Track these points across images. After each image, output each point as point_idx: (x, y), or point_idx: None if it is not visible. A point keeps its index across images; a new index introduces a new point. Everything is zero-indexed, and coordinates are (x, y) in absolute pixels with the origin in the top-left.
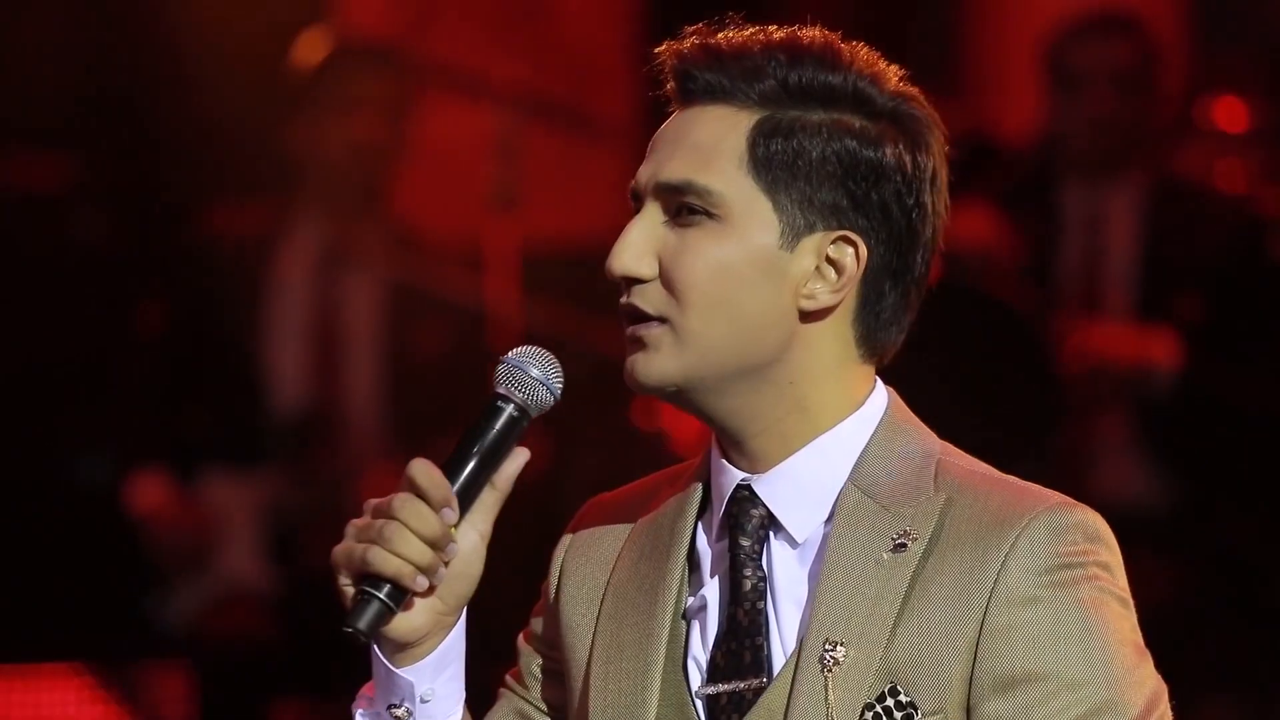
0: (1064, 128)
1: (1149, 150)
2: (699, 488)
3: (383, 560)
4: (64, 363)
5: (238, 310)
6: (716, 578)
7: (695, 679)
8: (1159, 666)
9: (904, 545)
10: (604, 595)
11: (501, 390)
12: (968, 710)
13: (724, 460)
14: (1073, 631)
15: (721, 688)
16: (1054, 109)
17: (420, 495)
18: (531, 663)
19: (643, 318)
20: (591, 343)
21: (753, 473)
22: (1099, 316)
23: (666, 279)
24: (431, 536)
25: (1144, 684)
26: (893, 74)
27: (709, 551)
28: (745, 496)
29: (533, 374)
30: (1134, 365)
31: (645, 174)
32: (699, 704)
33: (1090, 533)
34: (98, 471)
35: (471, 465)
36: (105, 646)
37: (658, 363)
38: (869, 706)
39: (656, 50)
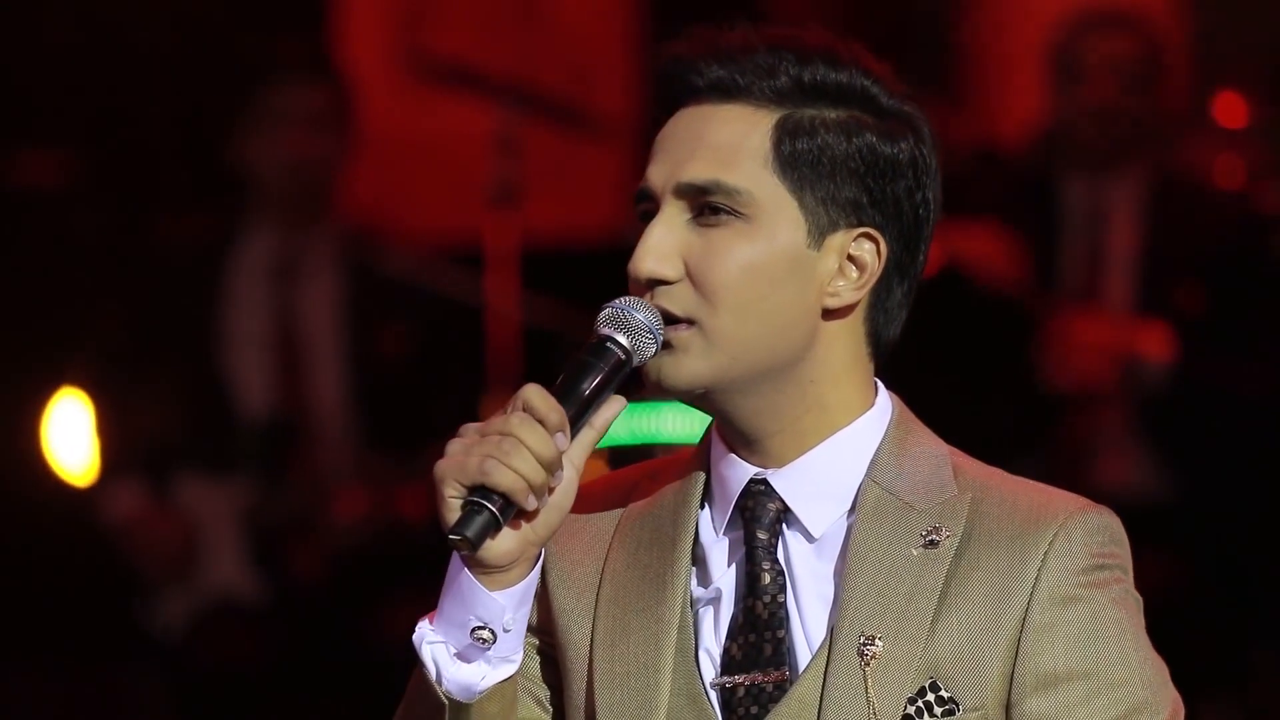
0: (1067, 121)
1: (1152, 145)
2: (699, 480)
3: (500, 473)
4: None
5: (198, 315)
6: (732, 569)
7: (708, 670)
8: None
9: (936, 541)
10: (600, 581)
11: (606, 332)
12: (1006, 707)
13: (732, 455)
14: (1110, 632)
15: (739, 679)
16: (1057, 102)
17: (536, 418)
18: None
19: (669, 320)
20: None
21: (765, 468)
22: (1099, 309)
23: (696, 280)
24: (547, 458)
25: (1168, 687)
26: (888, 71)
27: (714, 543)
28: (761, 490)
29: (638, 317)
30: (1126, 358)
31: (660, 174)
32: (713, 695)
33: (1115, 535)
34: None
35: (578, 399)
36: (89, 654)
37: (688, 365)
38: (910, 701)
39: (658, 49)
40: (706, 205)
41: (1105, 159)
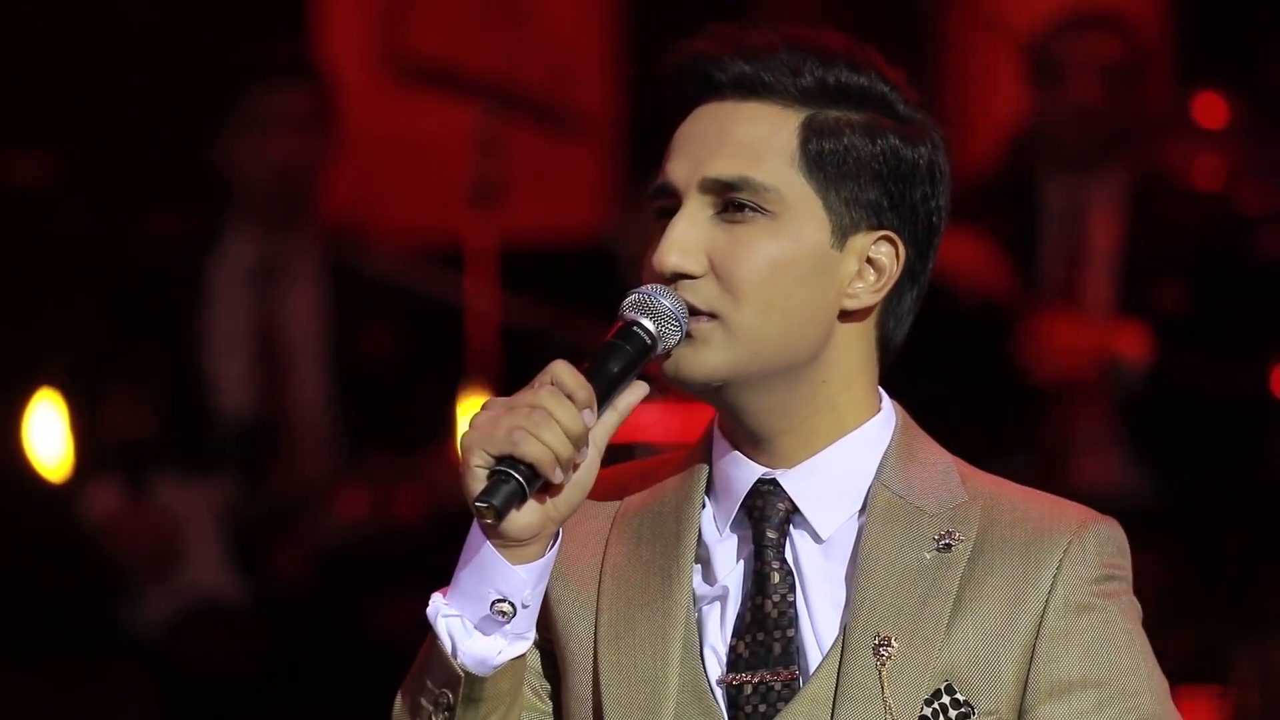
0: (1048, 121)
1: (1132, 145)
2: (702, 478)
3: (528, 443)
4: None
5: (179, 315)
6: (738, 567)
7: (713, 667)
8: None
9: (949, 546)
10: (601, 576)
11: (631, 316)
12: (1019, 713)
13: (737, 454)
14: (1121, 641)
15: (746, 677)
16: (1039, 103)
17: (564, 393)
18: None
19: (691, 312)
20: (570, 337)
21: (773, 468)
22: (1078, 310)
23: (721, 275)
24: (575, 432)
25: (1171, 701)
26: (902, 77)
27: (718, 541)
28: (769, 490)
29: (664, 303)
30: (1103, 358)
31: (683, 170)
32: (719, 692)
33: (1122, 547)
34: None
35: (604, 379)
36: (69, 655)
37: (709, 357)
38: (926, 702)
39: (675, 44)
40: (731, 202)
41: (1086, 159)
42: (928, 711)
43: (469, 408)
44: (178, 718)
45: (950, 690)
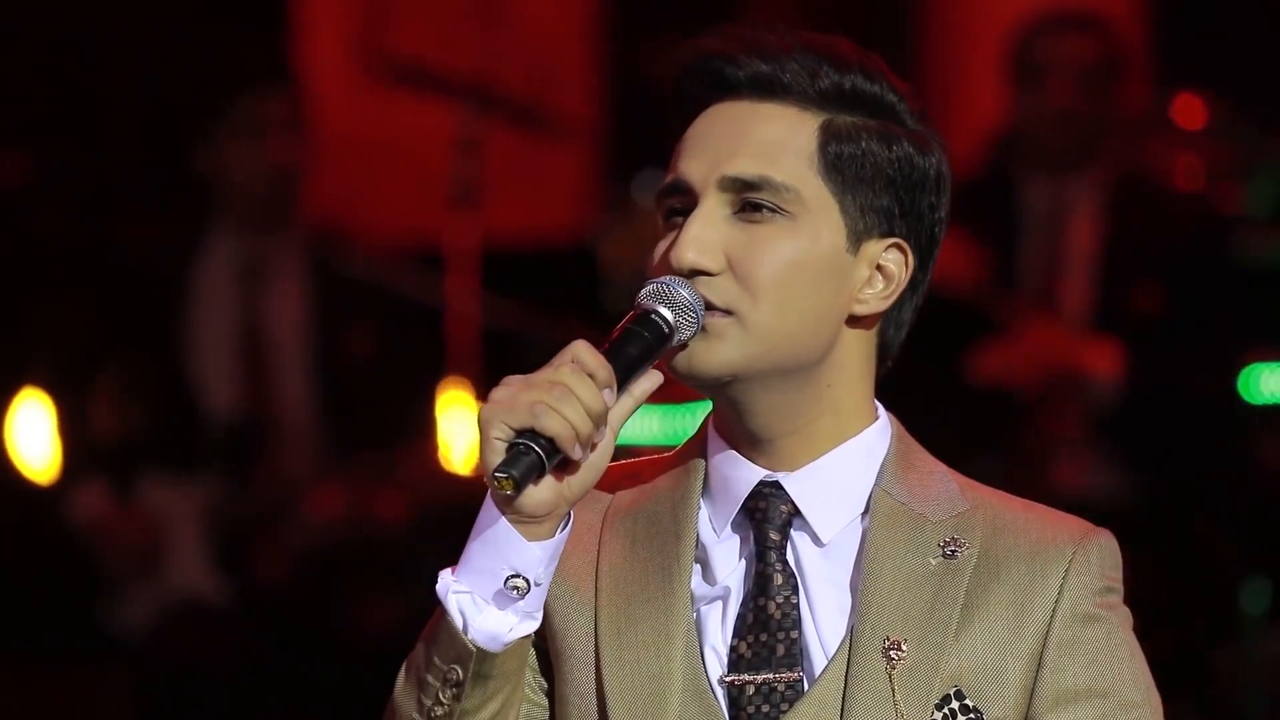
0: (1028, 123)
1: (1111, 146)
2: (698, 479)
3: (549, 417)
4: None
5: (164, 317)
6: (739, 568)
7: (714, 667)
8: None
9: (955, 553)
10: (597, 573)
11: (649, 304)
12: None
13: (736, 455)
14: (1123, 653)
15: (748, 678)
16: (1018, 105)
17: (585, 371)
18: None
19: (707, 307)
20: (551, 338)
21: (774, 470)
22: (1053, 318)
23: (739, 273)
24: (595, 410)
25: (1161, 712)
26: (908, 89)
27: (716, 542)
28: (771, 492)
29: (682, 294)
30: (1073, 375)
31: (699, 168)
32: (720, 692)
33: (1118, 560)
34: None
35: (623, 363)
36: (52, 655)
37: (722, 351)
38: (936, 707)
39: (681, 43)
40: (749, 201)
41: (1065, 161)
42: (938, 716)
43: (449, 408)
44: (160, 717)
45: (960, 696)
